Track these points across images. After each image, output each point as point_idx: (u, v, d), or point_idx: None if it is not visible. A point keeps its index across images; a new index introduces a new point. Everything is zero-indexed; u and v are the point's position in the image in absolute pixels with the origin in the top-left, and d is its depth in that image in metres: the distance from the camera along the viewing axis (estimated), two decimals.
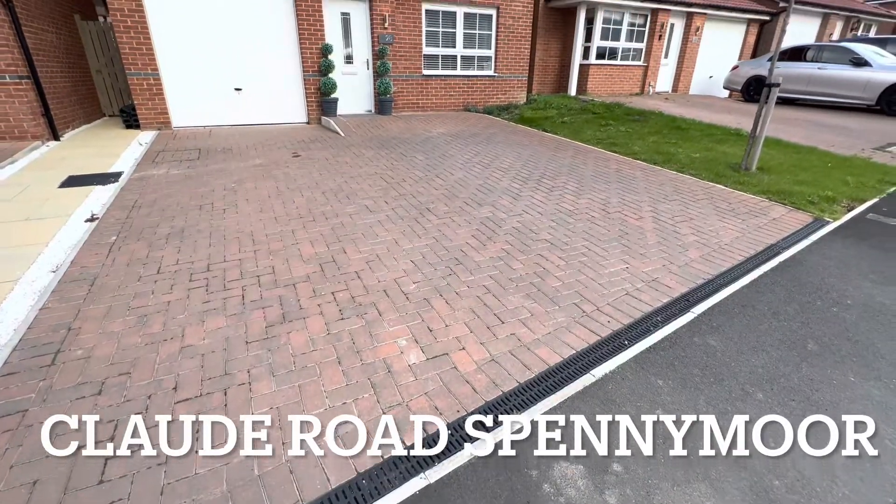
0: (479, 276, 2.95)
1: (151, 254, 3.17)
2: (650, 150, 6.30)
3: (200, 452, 1.65)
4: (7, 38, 5.70)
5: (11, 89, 5.86)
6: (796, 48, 11.35)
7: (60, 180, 4.78)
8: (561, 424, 1.82)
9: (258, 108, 8.19)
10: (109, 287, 2.72)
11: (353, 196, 4.41)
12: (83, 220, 3.78)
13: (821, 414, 1.89)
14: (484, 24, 9.87)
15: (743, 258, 3.31)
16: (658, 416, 1.88)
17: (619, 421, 1.83)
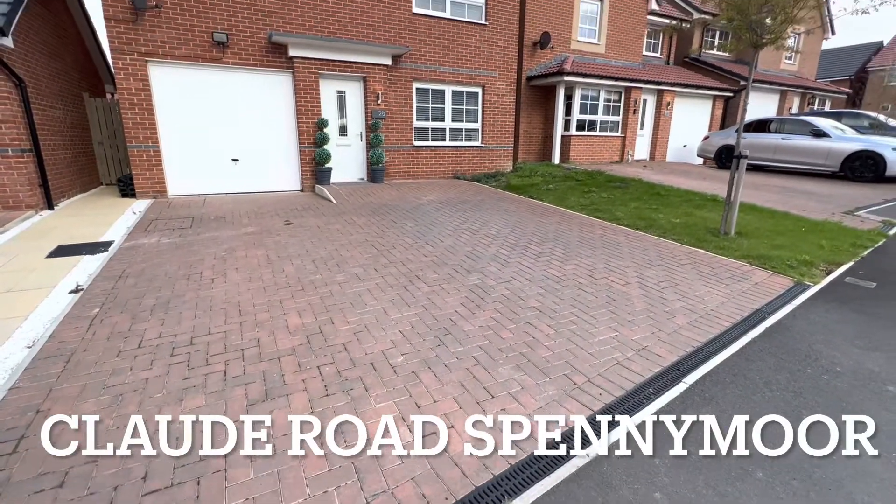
0: (468, 346, 2.91)
1: (134, 326, 3.10)
2: (632, 216, 6.54)
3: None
4: (15, 115, 5.96)
5: (12, 161, 6.02)
6: (761, 120, 12.27)
7: (49, 250, 4.77)
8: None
9: (254, 177, 8.46)
10: (86, 363, 2.63)
11: (343, 264, 4.45)
12: (67, 292, 3.73)
13: (825, 495, 1.81)
14: (471, 100, 10.60)
15: (730, 324, 3.34)
16: (657, 499, 1.79)
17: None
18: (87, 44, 9.92)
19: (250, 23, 7.80)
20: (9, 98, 5.87)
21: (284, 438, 2.06)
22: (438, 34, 9.68)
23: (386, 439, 2.06)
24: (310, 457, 1.96)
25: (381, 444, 2.04)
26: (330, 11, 8.46)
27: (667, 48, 16.72)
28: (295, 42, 8.03)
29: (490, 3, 10.15)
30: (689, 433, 2.15)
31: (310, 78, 8.39)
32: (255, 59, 7.96)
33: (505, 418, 2.22)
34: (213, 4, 7.47)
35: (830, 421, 2.13)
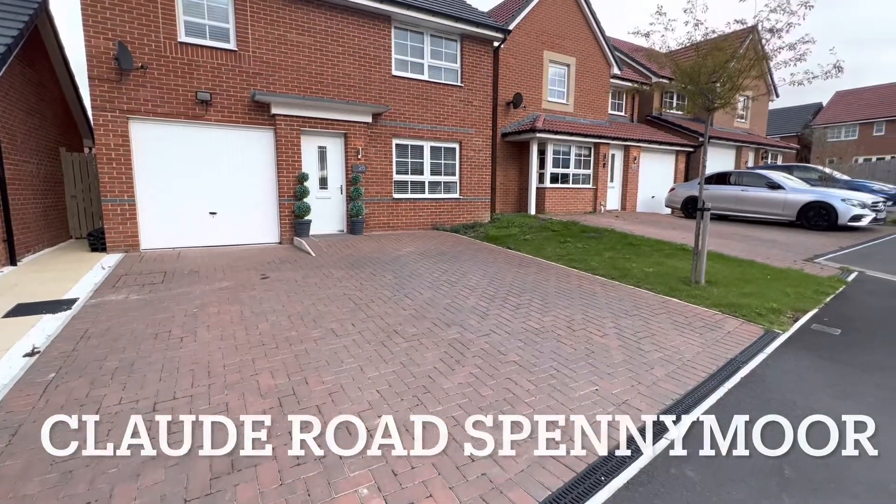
0: (447, 405, 2.83)
1: (92, 392, 2.91)
2: (607, 266, 6.71)
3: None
4: None
5: None
6: (721, 173, 13.08)
7: (7, 309, 4.54)
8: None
9: (231, 230, 8.40)
10: (33, 436, 2.43)
11: (320, 319, 4.36)
12: (22, 355, 3.51)
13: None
14: (449, 154, 11.01)
15: (707, 374, 3.37)
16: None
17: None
18: (69, 99, 10.04)
19: (234, 83, 8.08)
20: None
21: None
22: (417, 94, 10.20)
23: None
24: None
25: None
26: (313, 74, 8.86)
27: (630, 107, 17.99)
28: (277, 101, 8.32)
29: (465, 67, 10.84)
30: (673, 492, 2.10)
31: (291, 134, 8.62)
32: (238, 116, 8.17)
33: (486, 484, 2.13)
34: (199, 66, 7.75)
35: (808, 476, 2.12)
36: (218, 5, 7.96)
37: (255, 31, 8.20)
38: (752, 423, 2.72)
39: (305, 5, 8.64)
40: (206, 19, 7.87)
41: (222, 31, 8.03)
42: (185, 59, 7.63)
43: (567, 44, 14.16)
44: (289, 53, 8.56)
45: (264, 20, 8.25)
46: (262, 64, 8.30)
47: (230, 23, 8.06)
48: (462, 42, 10.74)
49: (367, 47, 9.44)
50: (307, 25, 8.70)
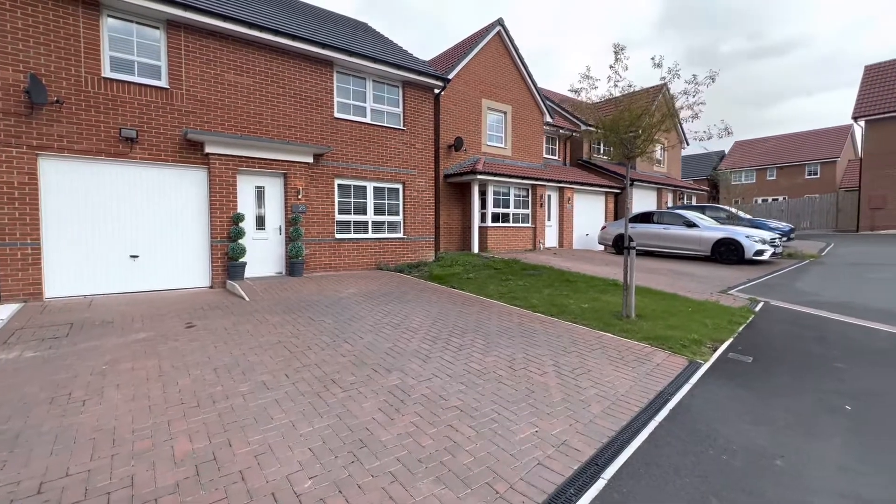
0: (385, 459, 2.70)
1: None
2: (546, 303, 6.93)
3: None
4: None
5: None
6: (645, 213, 14.25)
7: None
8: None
9: (156, 274, 7.77)
10: None
11: (250, 371, 4.06)
12: None
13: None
14: (392, 195, 11.11)
15: (639, 408, 3.49)
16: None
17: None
18: None
19: (165, 120, 7.73)
20: None
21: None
22: (359, 136, 10.32)
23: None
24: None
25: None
26: (251, 114, 8.72)
27: (563, 152, 19.34)
28: (212, 140, 8.04)
29: (407, 111, 11.19)
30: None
31: (227, 174, 8.31)
32: (168, 154, 7.77)
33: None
34: (125, 102, 7.36)
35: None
36: (149, 42, 7.71)
37: (190, 70, 7.99)
38: (683, 457, 2.84)
39: (245, 47, 8.60)
40: (134, 55, 7.56)
41: (153, 68, 7.74)
42: (108, 95, 7.21)
43: (503, 93, 15.14)
44: (226, 93, 8.39)
45: (200, 59, 8.09)
46: (195, 102, 8.05)
47: (162, 60, 7.80)
48: (404, 88, 11.13)
49: (309, 90, 9.50)
50: (246, 66, 8.63)
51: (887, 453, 2.92)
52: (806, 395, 3.83)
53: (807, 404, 3.64)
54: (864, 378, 4.20)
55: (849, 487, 2.54)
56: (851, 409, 3.56)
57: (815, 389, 3.94)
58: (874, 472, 2.69)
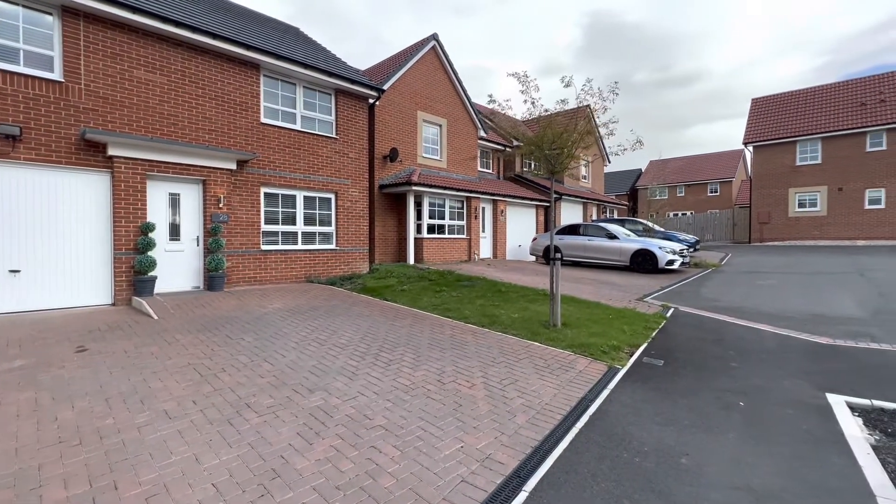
0: (299, 490, 2.51)
1: None
2: (478, 314, 7.01)
3: None
4: None
5: None
6: (572, 225, 15.04)
7: None
8: None
9: (43, 292, 6.81)
10: None
11: (150, 399, 3.64)
12: None
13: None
14: (324, 205, 10.74)
15: (562, 416, 3.59)
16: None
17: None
18: None
19: (58, 117, 6.87)
20: None
21: None
22: (288, 143, 9.89)
23: None
24: None
25: None
26: (165, 115, 8.02)
27: (496, 166, 19.98)
28: (116, 141, 7.27)
29: (340, 120, 10.94)
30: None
31: (134, 179, 7.54)
32: (61, 155, 6.90)
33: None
34: (6, 95, 6.44)
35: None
36: (40, 30, 6.84)
37: (91, 64, 7.19)
38: (600, 462, 2.94)
39: (159, 42, 7.93)
40: (20, 43, 6.66)
41: (44, 58, 6.87)
42: None
43: (438, 106, 15.35)
44: (134, 91, 7.65)
45: (103, 52, 7.31)
46: (97, 99, 7.25)
47: (56, 51, 6.95)
48: (336, 96, 10.88)
49: (233, 92, 8.96)
50: (159, 63, 7.95)
51: (774, 444, 3.24)
52: (706, 393, 4.18)
53: (707, 402, 3.97)
54: (754, 375, 4.67)
55: (742, 479, 2.77)
56: (744, 404, 3.93)
57: (714, 388, 4.31)
58: (763, 464, 2.97)
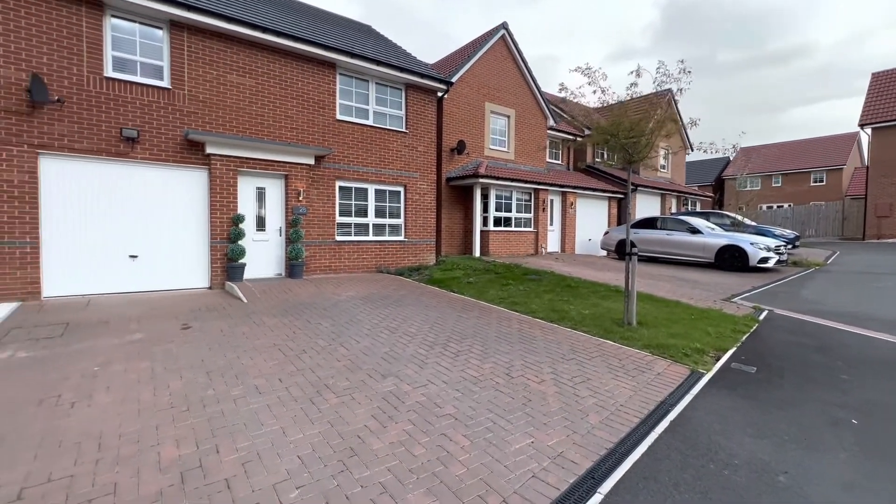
0: (375, 469, 2.62)
1: None
2: (546, 308, 6.84)
3: None
4: None
5: None
6: (649, 219, 14.13)
7: None
8: None
9: (154, 275, 7.74)
10: None
11: (243, 375, 4.00)
12: None
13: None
14: (394, 197, 11.06)
15: (638, 419, 3.41)
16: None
17: None
18: None
19: (166, 121, 7.73)
20: None
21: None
22: (361, 138, 10.30)
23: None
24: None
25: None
26: (253, 115, 8.71)
27: (566, 157, 19.27)
28: (213, 140, 8.03)
29: (410, 114, 11.17)
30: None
31: (228, 175, 8.29)
32: (168, 154, 7.76)
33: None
34: (127, 102, 7.36)
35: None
36: (152, 43, 7.72)
37: (193, 71, 7.99)
38: (682, 471, 2.75)
39: (248, 48, 8.60)
40: (137, 56, 7.57)
41: (155, 68, 7.74)
42: (110, 95, 7.22)
43: (507, 97, 15.10)
44: (228, 94, 8.39)
45: (202, 60, 8.09)
46: (198, 103, 8.04)
47: (165, 61, 7.81)
48: (407, 91, 11.10)
49: (312, 91, 9.49)
50: (249, 67, 8.63)
51: (893, 468, 2.82)
52: (810, 406, 3.73)
53: (811, 417, 3.54)
54: (868, 390, 4.09)
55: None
56: (858, 422, 3.45)
57: (819, 401, 3.83)
58: (880, 489, 2.60)
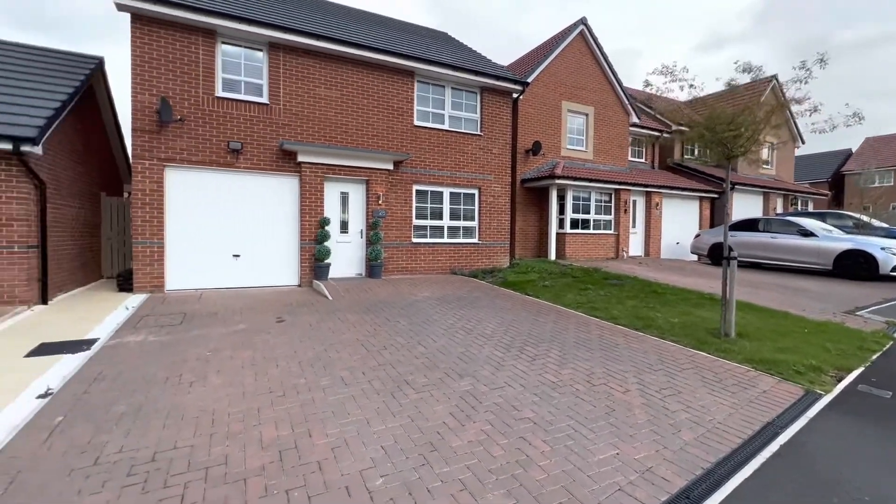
0: (455, 466, 2.66)
1: (95, 439, 2.87)
2: (630, 315, 6.45)
3: None
4: (29, 213, 6.24)
5: (15, 257, 6.15)
6: (749, 220, 12.71)
7: (30, 348, 4.64)
8: None
9: (253, 272, 8.56)
10: (30, 486, 2.38)
11: (331, 366, 4.28)
12: (35, 396, 3.53)
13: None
14: (468, 200, 11.15)
15: (741, 440, 3.08)
16: None
17: None
18: (113, 147, 10.79)
19: (264, 133, 8.54)
20: (27, 198, 6.19)
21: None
22: (437, 143, 10.53)
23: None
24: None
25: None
26: (338, 124, 9.30)
27: (651, 154, 18.05)
28: (304, 150, 8.71)
29: (485, 116, 11.20)
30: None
31: (316, 181, 8.94)
32: (266, 164, 8.56)
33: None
34: (233, 118, 8.25)
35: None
36: (254, 63, 8.58)
37: (287, 87, 8.75)
38: (798, 499, 2.44)
39: (335, 62, 9.22)
40: (242, 76, 8.46)
41: (256, 86, 8.60)
42: (220, 112, 8.15)
43: (585, 94, 14.53)
44: (317, 106, 9.05)
45: (296, 76, 8.82)
46: (291, 116, 8.78)
47: (264, 79, 8.64)
48: (482, 94, 11.16)
49: (391, 99, 9.91)
50: (335, 80, 9.24)
51: None
52: None
53: None
54: None
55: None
56: None
57: None
58: None
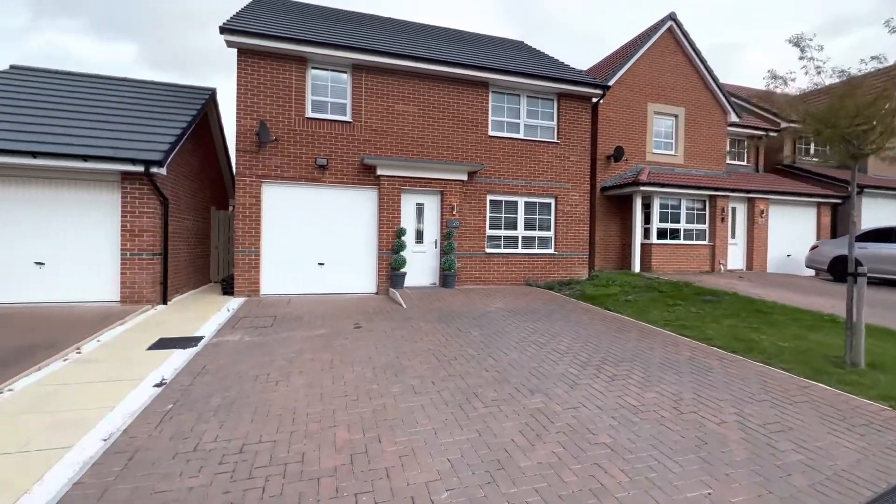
0: (522, 487, 2.54)
1: (196, 427, 3.20)
2: (727, 336, 5.77)
3: None
4: (156, 226, 7.26)
5: (145, 263, 7.18)
6: (882, 229, 10.78)
7: (151, 342, 5.35)
8: None
9: (335, 279, 9.11)
10: (144, 464, 2.71)
11: (402, 373, 4.36)
12: (153, 385, 4.05)
13: None
14: (544, 210, 10.87)
15: (873, 494, 2.56)
16: None
17: None
18: (222, 166, 12.23)
19: (347, 150, 9.10)
20: (154, 213, 7.23)
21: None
22: (512, 152, 10.43)
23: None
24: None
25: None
26: (415, 138, 9.63)
27: (755, 156, 16.20)
28: (383, 163, 9.13)
29: (562, 123, 10.88)
30: None
31: (393, 193, 9.31)
32: (348, 178, 9.11)
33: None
34: (320, 136, 8.93)
35: None
36: (339, 85, 9.23)
37: (368, 104, 9.27)
38: None
39: (411, 78, 9.59)
40: (328, 97, 9.14)
41: (341, 105, 9.23)
42: (309, 132, 8.86)
43: (674, 94, 13.50)
44: (395, 121, 9.46)
45: (376, 94, 9.32)
46: (371, 132, 9.28)
47: (347, 99, 9.24)
48: (559, 100, 10.87)
49: (466, 111, 10.04)
50: (412, 96, 9.59)
51: None
52: None
53: None
54: None
55: None
56: None
57: None
58: None
